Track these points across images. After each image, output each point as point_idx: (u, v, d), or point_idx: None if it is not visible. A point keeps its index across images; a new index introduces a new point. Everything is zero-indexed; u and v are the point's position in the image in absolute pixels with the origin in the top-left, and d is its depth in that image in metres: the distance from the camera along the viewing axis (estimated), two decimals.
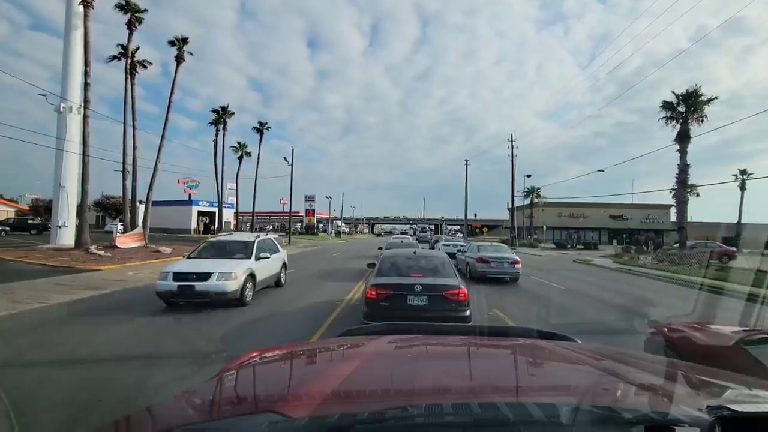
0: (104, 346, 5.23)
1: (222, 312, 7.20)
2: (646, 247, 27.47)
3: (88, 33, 17.85)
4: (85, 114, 17.79)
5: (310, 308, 7.82)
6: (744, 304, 8.06)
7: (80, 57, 18.64)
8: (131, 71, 21.96)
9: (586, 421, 0.81)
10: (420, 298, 5.19)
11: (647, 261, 20.35)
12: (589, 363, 1.46)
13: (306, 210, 71.39)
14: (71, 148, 18.66)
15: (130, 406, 3.26)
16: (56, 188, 19.11)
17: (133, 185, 22.97)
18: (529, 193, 52.56)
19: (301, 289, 10.09)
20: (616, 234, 56.31)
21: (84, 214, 17.86)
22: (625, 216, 59.92)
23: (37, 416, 3.09)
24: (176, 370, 4.39)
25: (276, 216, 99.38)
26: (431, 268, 5.90)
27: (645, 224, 59.64)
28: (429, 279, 5.52)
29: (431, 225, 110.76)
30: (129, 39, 21.32)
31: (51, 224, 20.22)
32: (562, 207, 58.43)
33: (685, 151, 19.07)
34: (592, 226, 58.63)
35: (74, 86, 19.22)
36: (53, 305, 7.68)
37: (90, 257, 15.42)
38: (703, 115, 18.87)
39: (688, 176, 19.25)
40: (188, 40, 23.21)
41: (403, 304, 5.14)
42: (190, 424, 0.93)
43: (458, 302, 5.22)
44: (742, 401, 1.04)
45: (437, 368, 1.40)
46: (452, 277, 5.68)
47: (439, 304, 5.16)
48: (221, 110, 34.54)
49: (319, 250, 29.85)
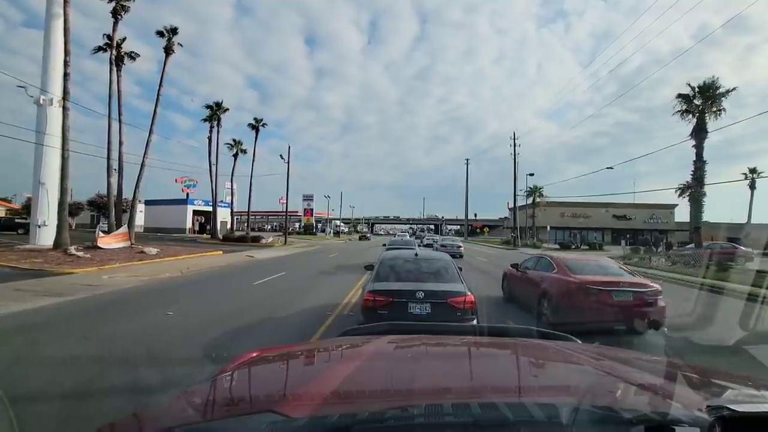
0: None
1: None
2: (656, 248, 26.42)
3: (68, 20, 16.80)
4: (65, 106, 16.73)
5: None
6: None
7: (61, 47, 17.57)
8: (117, 62, 20.89)
9: (585, 421, 0.80)
10: (422, 306, 4.71)
11: (660, 263, 19.33)
12: (588, 363, 1.44)
13: (304, 209, 70.29)
14: (52, 142, 17.60)
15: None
16: (35, 185, 18.05)
17: (120, 183, 21.90)
18: (531, 193, 51.29)
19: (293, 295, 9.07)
20: (619, 234, 55.23)
21: (64, 212, 16.79)
22: (629, 216, 58.92)
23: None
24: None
25: (274, 215, 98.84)
26: (434, 272, 5.37)
27: (649, 224, 58.65)
28: (432, 285, 5.01)
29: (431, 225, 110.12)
30: (114, 28, 20.24)
31: (30, 223, 19.18)
32: (564, 207, 57.31)
33: (701, 146, 18.05)
34: (595, 227, 57.50)
35: (56, 78, 18.09)
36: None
37: (67, 259, 14.36)
38: (721, 108, 17.88)
39: (705, 173, 18.28)
40: (178, 30, 22.20)
41: (403, 312, 4.61)
42: (190, 424, 0.93)
43: (464, 311, 4.71)
44: (742, 401, 1.03)
45: (437, 368, 1.41)
46: (457, 282, 5.13)
47: (443, 313, 4.65)
48: (215, 106, 33.45)
49: (315, 250, 28.81)
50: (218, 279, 12.40)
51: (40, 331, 5.92)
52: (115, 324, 6.27)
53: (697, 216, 18.60)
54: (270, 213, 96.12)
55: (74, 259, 14.47)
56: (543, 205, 52.77)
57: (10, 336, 5.72)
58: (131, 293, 9.37)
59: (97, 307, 7.71)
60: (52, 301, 7.89)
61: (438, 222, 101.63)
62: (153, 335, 5.66)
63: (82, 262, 14.08)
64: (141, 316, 6.91)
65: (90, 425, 1.05)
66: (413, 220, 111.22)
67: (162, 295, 9.14)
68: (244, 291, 9.98)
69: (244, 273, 13.88)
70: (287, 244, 32.57)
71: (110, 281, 10.87)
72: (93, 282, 10.50)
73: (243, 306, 7.87)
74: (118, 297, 8.85)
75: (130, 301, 8.48)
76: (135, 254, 17.10)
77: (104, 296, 8.83)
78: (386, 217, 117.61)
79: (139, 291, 9.72)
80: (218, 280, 12.21)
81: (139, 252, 17.68)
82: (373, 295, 4.80)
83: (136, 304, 8.07)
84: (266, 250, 25.96)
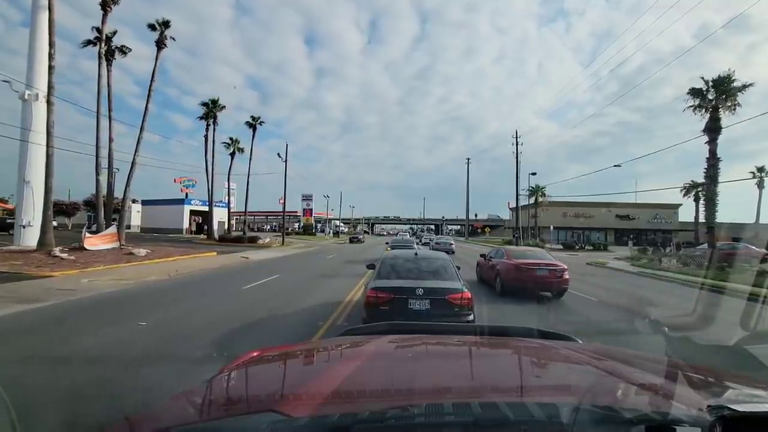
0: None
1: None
2: (664, 249, 25.64)
3: (53, 10, 16.07)
4: (50, 101, 15.98)
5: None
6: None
7: (47, 41, 16.82)
8: (107, 56, 20.15)
9: (586, 420, 0.80)
10: (422, 302, 4.91)
11: (671, 264, 18.55)
12: (589, 363, 1.43)
13: (303, 210, 69.47)
14: (37, 139, 16.88)
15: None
16: (20, 184, 17.35)
17: (110, 181, 21.18)
18: (533, 192, 50.38)
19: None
20: (622, 234, 54.47)
21: (48, 212, 16.02)
22: (632, 216, 58.09)
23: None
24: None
25: (274, 216, 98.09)
26: (433, 271, 5.60)
27: (653, 224, 57.83)
28: (431, 282, 5.25)
29: (431, 225, 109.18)
30: (103, 21, 19.45)
31: (15, 223, 18.45)
32: (566, 207, 56.35)
33: (715, 143, 17.24)
34: (598, 227, 56.59)
35: (41, 72, 17.33)
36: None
37: (49, 261, 13.61)
38: (735, 103, 17.09)
39: (719, 171, 17.48)
40: (170, 23, 21.44)
41: (404, 308, 4.83)
42: (191, 423, 0.92)
43: (461, 306, 4.95)
44: (743, 401, 1.02)
45: (438, 368, 1.40)
46: (455, 280, 5.40)
47: (441, 309, 4.88)
48: (211, 103, 32.69)
49: (313, 251, 28.07)
50: (207, 282, 11.63)
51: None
52: (75, 338, 5.49)
53: (711, 215, 17.80)
54: (270, 213, 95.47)
55: (56, 261, 13.72)
56: (545, 205, 51.88)
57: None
58: (108, 299, 8.61)
59: (65, 315, 6.93)
60: (16, 310, 7.15)
61: (439, 222, 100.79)
62: (111, 354, 4.86)
63: (65, 264, 13.33)
64: (108, 327, 6.14)
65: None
66: (413, 220, 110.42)
67: (141, 302, 8.39)
68: (232, 297, 9.21)
69: (236, 276, 13.12)
70: (285, 245, 31.83)
71: (90, 285, 10.12)
72: (71, 286, 9.75)
73: (225, 315, 7.10)
74: (93, 303, 8.09)
75: (104, 308, 7.71)
76: (123, 256, 16.36)
77: (78, 302, 8.08)
78: (386, 217, 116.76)
79: (117, 296, 8.96)
80: (207, 283, 11.45)
81: (127, 253, 16.93)
82: (375, 292, 4.97)
83: (109, 312, 7.31)
84: (263, 251, 25.23)
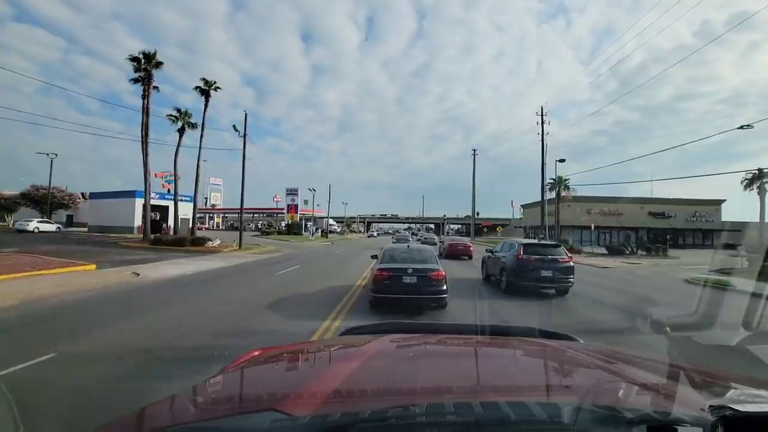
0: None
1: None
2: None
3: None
4: None
5: None
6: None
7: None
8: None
9: (587, 420, 0.79)
10: (411, 278, 7.28)
11: None
12: (591, 362, 1.44)
13: (287, 205, 60.76)
14: None
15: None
16: None
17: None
18: (555, 185, 41.78)
19: None
20: (656, 234, 46.52)
21: None
22: (668, 213, 50.00)
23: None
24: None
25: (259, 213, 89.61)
26: (420, 259, 8.03)
27: (691, 223, 49.89)
28: (419, 265, 7.61)
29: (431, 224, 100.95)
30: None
31: None
32: (591, 203, 48.10)
33: None
34: (629, 225, 48.36)
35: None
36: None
37: None
38: None
39: None
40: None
41: (399, 282, 7.23)
42: (191, 422, 0.92)
43: (438, 280, 7.33)
44: (744, 401, 1.02)
45: (439, 367, 1.40)
46: (435, 263, 7.83)
47: (424, 282, 7.29)
48: (144, 58, 24.18)
49: (270, 260, 19.79)
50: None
51: None
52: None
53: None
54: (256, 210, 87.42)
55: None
56: (568, 201, 43.42)
57: None
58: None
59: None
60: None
61: (440, 221, 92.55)
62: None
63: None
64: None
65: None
66: (413, 218, 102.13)
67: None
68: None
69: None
70: (243, 249, 23.49)
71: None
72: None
73: None
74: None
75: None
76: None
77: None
78: (383, 215, 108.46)
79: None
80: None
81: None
82: (380, 271, 7.36)
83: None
84: (198, 259, 17.03)
